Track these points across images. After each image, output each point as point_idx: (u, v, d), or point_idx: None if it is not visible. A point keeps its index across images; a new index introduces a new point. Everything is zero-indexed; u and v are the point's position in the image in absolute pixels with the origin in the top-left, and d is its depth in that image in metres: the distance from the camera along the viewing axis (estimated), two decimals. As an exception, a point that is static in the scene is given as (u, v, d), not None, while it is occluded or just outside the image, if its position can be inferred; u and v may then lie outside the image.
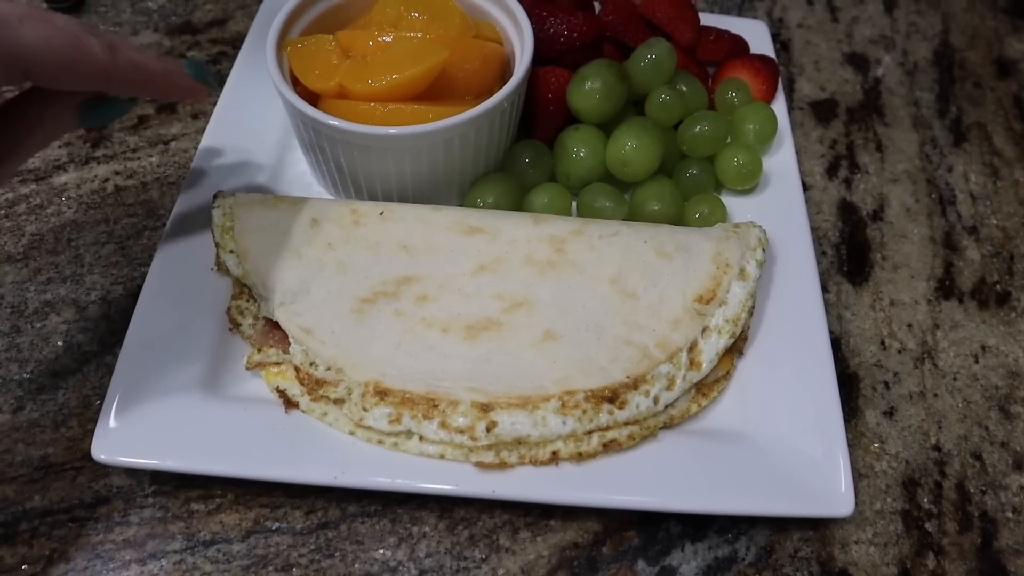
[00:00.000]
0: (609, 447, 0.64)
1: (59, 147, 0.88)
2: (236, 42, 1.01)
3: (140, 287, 0.72)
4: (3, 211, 0.83)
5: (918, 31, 1.13)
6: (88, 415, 0.70)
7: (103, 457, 0.62)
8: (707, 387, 0.69)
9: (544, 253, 0.71)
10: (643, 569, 0.65)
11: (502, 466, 0.63)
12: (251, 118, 0.85)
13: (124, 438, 0.63)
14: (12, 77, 0.47)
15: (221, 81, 0.59)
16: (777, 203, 0.83)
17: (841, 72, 1.07)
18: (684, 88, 0.85)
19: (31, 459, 0.68)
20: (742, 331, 0.70)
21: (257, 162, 0.83)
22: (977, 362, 0.79)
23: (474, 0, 0.83)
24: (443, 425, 0.63)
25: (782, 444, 0.66)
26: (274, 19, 0.77)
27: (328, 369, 0.65)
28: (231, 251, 0.71)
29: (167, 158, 0.89)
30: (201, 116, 0.93)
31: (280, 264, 0.70)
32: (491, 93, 0.74)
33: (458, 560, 0.64)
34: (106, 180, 0.86)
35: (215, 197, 0.74)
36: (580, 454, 0.64)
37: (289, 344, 0.67)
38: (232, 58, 0.92)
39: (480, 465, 0.63)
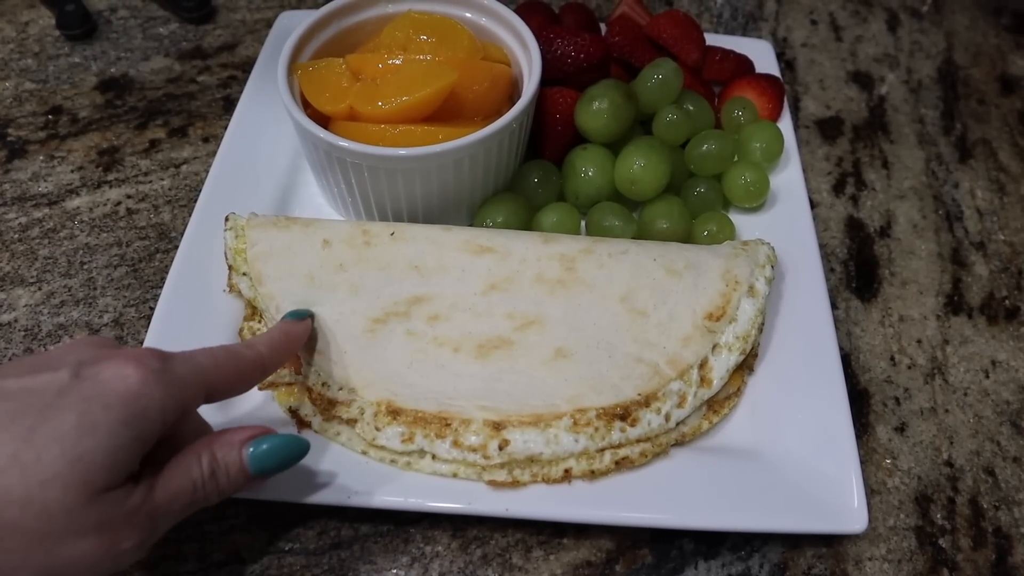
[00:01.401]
0: (621, 464, 0.64)
1: (72, 172, 0.89)
2: (246, 66, 1.02)
3: (153, 309, 0.72)
4: (17, 235, 0.84)
5: (921, 49, 1.14)
6: (102, 437, 0.70)
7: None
8: (718, 404, 0.69)
9: (554, 272, 0.72)
10: (657, 587, 0.65)
11: (515, 484, 0.63)
12: (262, 141, 0.86)
13: (138, 459, 0.63)
14: (199, 399, 0.54)
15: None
16: (785, 220, 0.83)
17: (846, 90, 1.07)
18: (691, 107, 0.86)
19: (45, 481, 0.68)
20: (752, 348, 0.71)
21: (268, 184, 0.84)
22: (987, 377, 0.79)
23: (482, 22, 0.84)
24: (455, 444, 0.63)
25: (794, 460, 0.66)
26: (284, 43, 0.78)
27: (340, 389, 0.66)
28: (243, 273, 0.72)
29: (179, 181, 0.89)
30: (212, 139, 0.94)
31: (292, 285, 0.70)
32: (500, 114, 0.75)
33: (471, 579, 0.64)
34: (118, 203, 0.87)
35: (226, 219, 0.74)
36: (592, 472, 0.64)
37: (301, 364, 0.67)
38: (242, 82, 0.93)
39: (493, 484, 0.63)
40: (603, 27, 0.96)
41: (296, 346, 0.65)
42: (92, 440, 0.46)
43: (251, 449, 0.56)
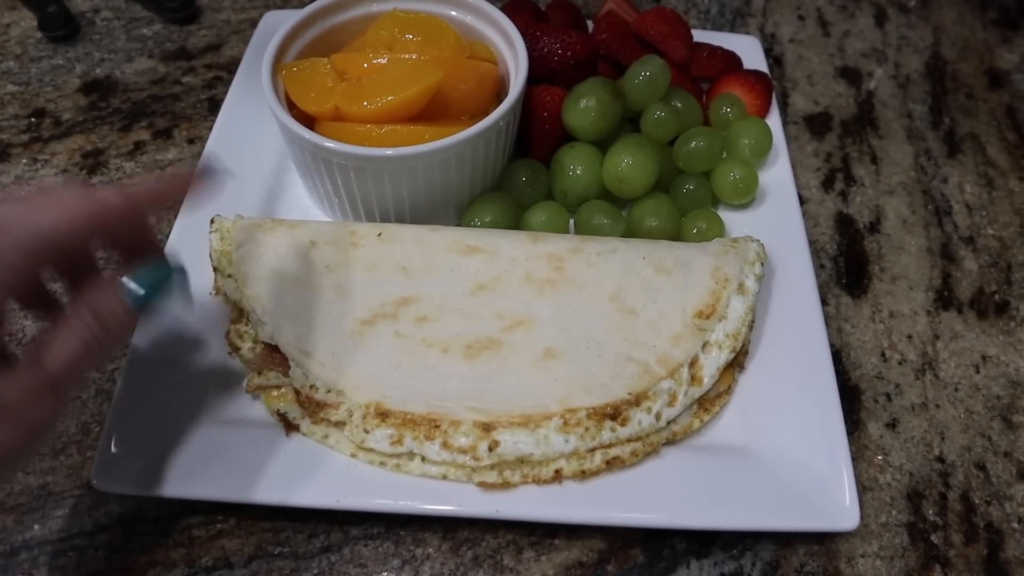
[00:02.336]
0: (612, 464, 0.64)
1: (55, 174, 0.89)
2: (231, 67, 1.01)
3: (138, 313, 0.72)
4: (0, 239, 0.83)
5: (909, 44, 1.14)
6: (87, 442, 0.70)
7: (103, 485, 0.62)
8: (709, 402, 0.69)
9: (543, 271, 0.71)
10: (649, 587, 0.64)
11: (505, 486, 0.63)
12: (247, 142, 0.85)
13: (124, 465, 0.62)
14: (41, 262, 0.50)
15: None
16: (774, 217, 0.83)
17: (834, 86, 1.07)
18: (679, 104, 0.86)
19: (30, 487, 0.67)
20: (743, 345, 0.70)
21: (254, 186, 0.83)
22: (978, 372, 0.79)
23: (468, 20, 0.84)
24: (445, 445, 0.63)
25: (785, 458, 0.66)
26: (269, 43, 0.77)
27: (328, 392, 0.65)
28: (229, 276, 0.71)
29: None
30: (197, 141, 0.93)
31: (278, 288, 0.69)
32: (487, 113, 0.74)
33: (462, 582, 0.64)
34: (103, 206, 0.86)
35: (212, 222, 0.74)
36: (583, 472, 0.63)
37: (289, 367, 0.67)
38: (227, 83, 0.92)
39: (483, 485, 0.63)
40: (590, 24, 0.95)
41: (177, 189, 0.56)
42: None
43: (125, 285, 0.53)
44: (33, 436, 0.49)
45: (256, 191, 0.83)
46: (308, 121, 0.75)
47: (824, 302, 0.82)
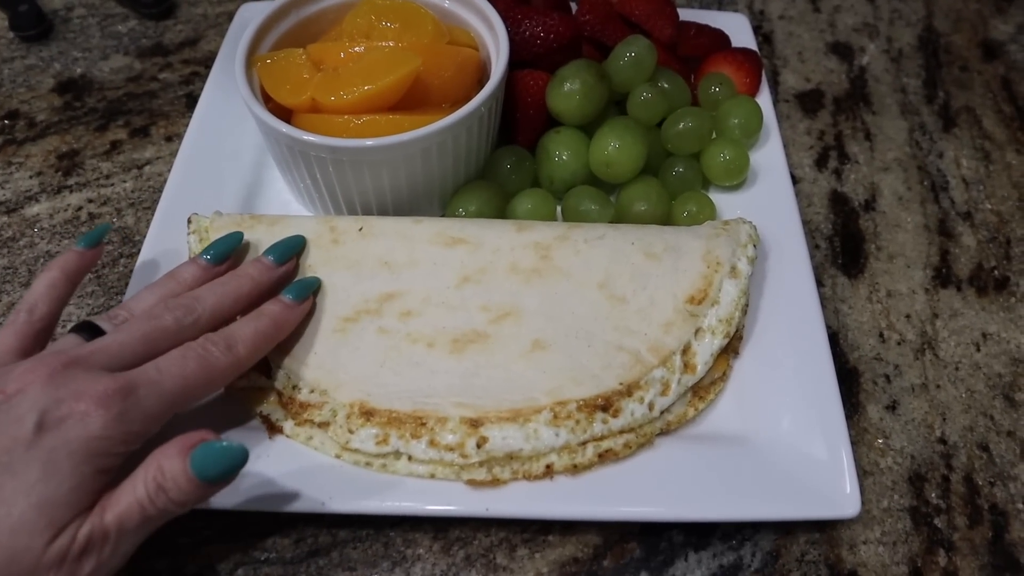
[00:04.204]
0: (605, 457, 0.62)
1: (31, 177, 0.87)
2: (208, 62, 0.99)
3: (116, 316, 0.70)
4: (-25, 245, 0.81)
5: (901, 17, 1.12)
6: (68, 451, 0.68)
7: (82, 494, 0.60)
8: (703, 390, 0.67)
9: (529, 260, 0.69)
10: (646, 582, 0.63)
11: (495, 483, 0.61)
12: (225, 138, 0.84)
13: (103, 473, 0.61)
14: (164, 421, 0.55)
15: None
16: (766, 198, 0.81)
17: (825, 62, 1.05)
18: (666, 85, 0.84)
19: (10, 499, 0.65)
20: (737, 330, 0.68)
21: (233, 182, 0.81)
22: (979, 350, 0.77)
23: (446, 6, 0.82)
24: (432, 443, 0.61)
25: (784, 445, 0.64)
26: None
27: (312, 392, 0.64)
28: (208, 275, 0.69)
29: (141, 183, 0.87)
30: (175, 139, 0.91)
31: (258, 285, 0.68)
32: (468, 99, 0.72)
33: (455, 582, 0.62)
34: (79, 208, 0.84)
35: (189, 222, 0.72)
36: (575, 466, 0.62)
37: (270, 368, 0.65)
38: (205, 78, 0.90)
39: (472, 483, 0.61)
40: (573, 6, 0.93)
41: (284, 334, 0.64)
42: (56, 483, 0.48)
43: (193, 455, 0.52)
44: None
45: (235, 187, 0.81)
46: (285, 114, 0.73)
47: (820, 283, 0.80)
